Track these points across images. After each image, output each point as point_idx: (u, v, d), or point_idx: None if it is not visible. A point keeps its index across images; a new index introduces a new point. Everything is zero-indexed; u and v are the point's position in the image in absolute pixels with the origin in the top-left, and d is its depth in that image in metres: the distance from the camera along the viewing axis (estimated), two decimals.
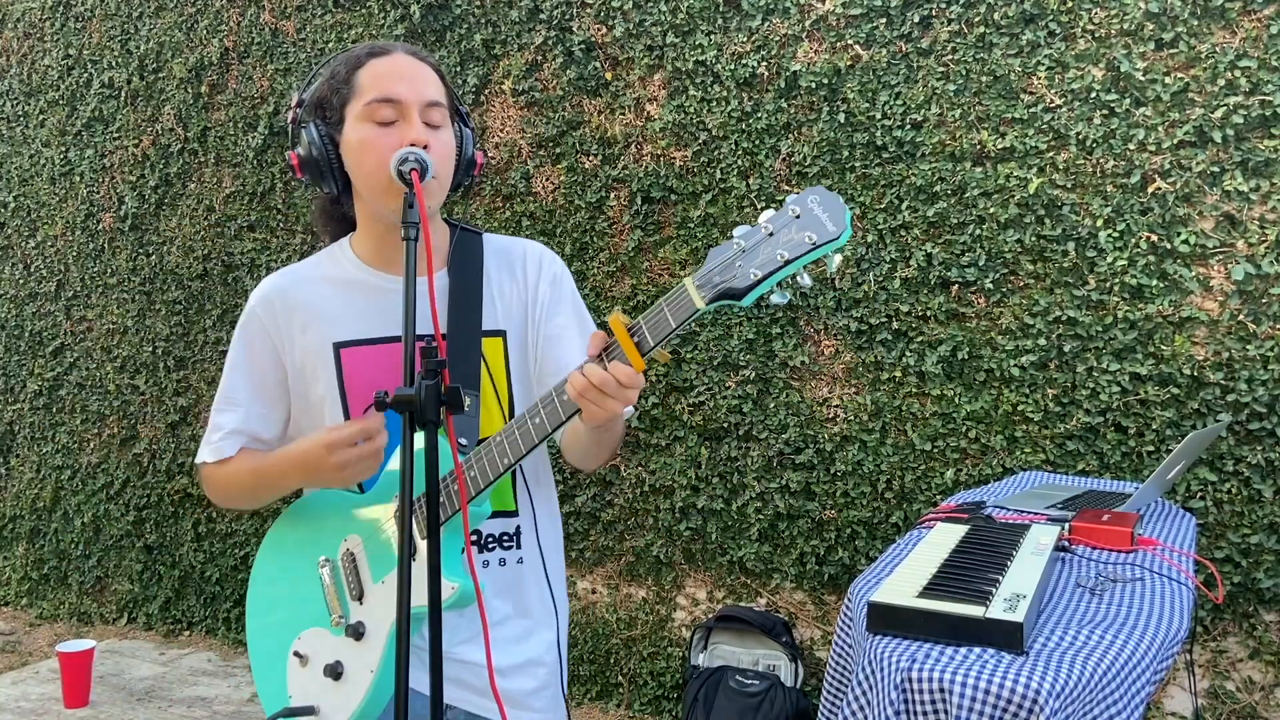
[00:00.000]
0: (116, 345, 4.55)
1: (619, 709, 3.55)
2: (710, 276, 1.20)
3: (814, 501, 3.20)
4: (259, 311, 1.53)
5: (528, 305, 1.55)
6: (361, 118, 1.41)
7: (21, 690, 3.91)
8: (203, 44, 4.23)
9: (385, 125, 1.40)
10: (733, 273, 1.19)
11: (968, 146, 2.91)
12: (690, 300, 1.21)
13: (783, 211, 1.19)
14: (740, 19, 3.21)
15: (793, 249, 1.17)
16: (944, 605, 1.37)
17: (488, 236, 1.58)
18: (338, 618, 1.46)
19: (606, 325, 1.28)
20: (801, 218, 1.18)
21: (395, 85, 1.41)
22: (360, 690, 1.44)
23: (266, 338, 1.52)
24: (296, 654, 1.49)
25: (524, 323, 1.55)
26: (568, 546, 3.60)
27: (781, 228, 1.18)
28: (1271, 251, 2.60)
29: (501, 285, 1.55)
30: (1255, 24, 2.59)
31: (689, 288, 1.21)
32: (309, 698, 1.48)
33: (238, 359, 1.55)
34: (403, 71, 1.43)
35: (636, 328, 1.24)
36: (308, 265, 1.57)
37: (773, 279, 1.18)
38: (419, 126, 1.40)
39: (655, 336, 1.23)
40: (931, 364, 2.98)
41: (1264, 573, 2.64)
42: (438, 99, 1.44)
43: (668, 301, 1.22)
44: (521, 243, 1.61)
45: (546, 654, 1.54)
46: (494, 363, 1.51)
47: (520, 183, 3.59)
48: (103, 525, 4.67)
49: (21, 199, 4.83)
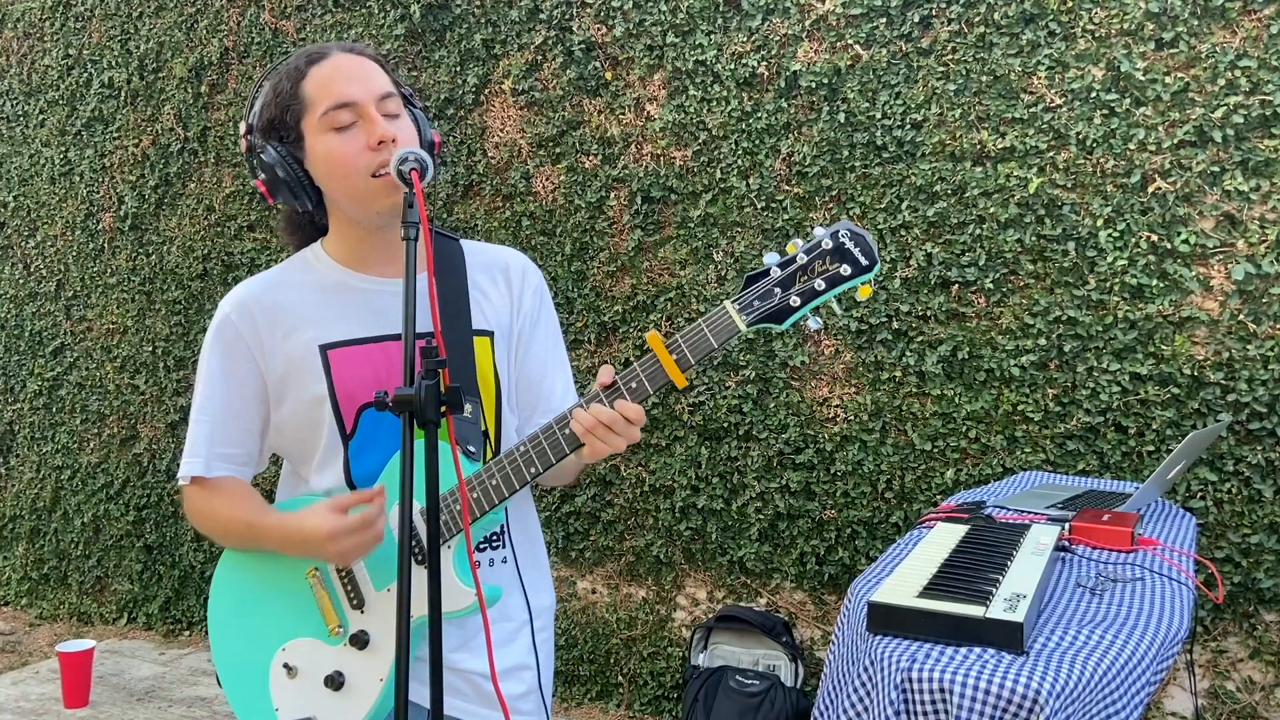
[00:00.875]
0: (116, 345, 4.55)
1: (619, 709, 3.55)
2: (751, 301, 1.30)
3: (814, 501, 3.20)
4: (234, 319, 1.48)
5: (513, 313, 1.56)
6: (320, 129, 1.40)
7: (21, 690, 3.91)
8: (203, 44, 4.23)
9: (345, 129, 1.39)
10: (773, 300, 1.30)
11: (968, 146, 2.91)
12: (733, 322, 1.30)
13: (814, 242, 1.30)
14: (740, 19, 3.21)
15: (829, 280, 1.29)
16: (944, 605, 1.37)
17: (465, 243, 1.58)
18: (336, 627, 1.43)
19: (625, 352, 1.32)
20: (834, 250, 1.29)
21: (345, 88, 1.39)
22: (370, 699, 1.43)
23: (244, 346, 1.48)
24: (285, 665, 1.46)
25: (509, 328, 1.55)
26: (568, 546, 3.60)
27: (815, 258, 1.29)
28: (1272, 251, 2.60)
29: (485, 289, 1.55)
30: (1255, 24, 2.59)
31: (730, 310, 1.30)
32: (302, 709, 1.46)
33: (213, 369, 1.50)
34: (348, 72, 1.41)
35: (675, 345, 1.31)
36: (278, 272, 1.54)
37: (810, 305, 1.30)
38: (380, 122, 1.39)
39: (696, 354, 1.32)
40: (931, 364, 2.98)
41: (1264, 573, 2.64)
42: (388, 89, 1.43)
43: (707, 322, 1.31)
44: (502, 251, 1.60)
45: (527, 656, 1.53)
46: (483, 362, 1.51)
47: (520, 183, 3.59)
48: (103, 525, 4.67)
49: (21, 199, 4.83)
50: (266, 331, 1.47)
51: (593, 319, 3.49)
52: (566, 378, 1.62)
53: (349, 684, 1.44)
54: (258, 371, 1.49)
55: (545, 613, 1.61)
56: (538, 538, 1.63)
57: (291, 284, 1.51)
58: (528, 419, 1.58)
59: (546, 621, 1.62)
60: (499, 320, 1.54)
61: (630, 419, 1.31)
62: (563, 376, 1.61)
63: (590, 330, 3.50)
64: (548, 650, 1.61)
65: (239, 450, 1.52)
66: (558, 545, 3.62)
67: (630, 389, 1.34)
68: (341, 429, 1.46)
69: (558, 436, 1.36)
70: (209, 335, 1.51)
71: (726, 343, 1.30)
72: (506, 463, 1.39)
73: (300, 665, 1.46)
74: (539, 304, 1.59)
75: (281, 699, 1.47)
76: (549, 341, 1.60)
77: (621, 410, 1.30)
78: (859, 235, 1.28)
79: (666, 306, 3.37)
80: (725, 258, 3.28)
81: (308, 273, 1.52)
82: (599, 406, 1.31)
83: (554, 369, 1.59)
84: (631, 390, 1.33)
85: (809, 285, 1.29)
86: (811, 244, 1.29)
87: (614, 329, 3.48)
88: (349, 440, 1.46)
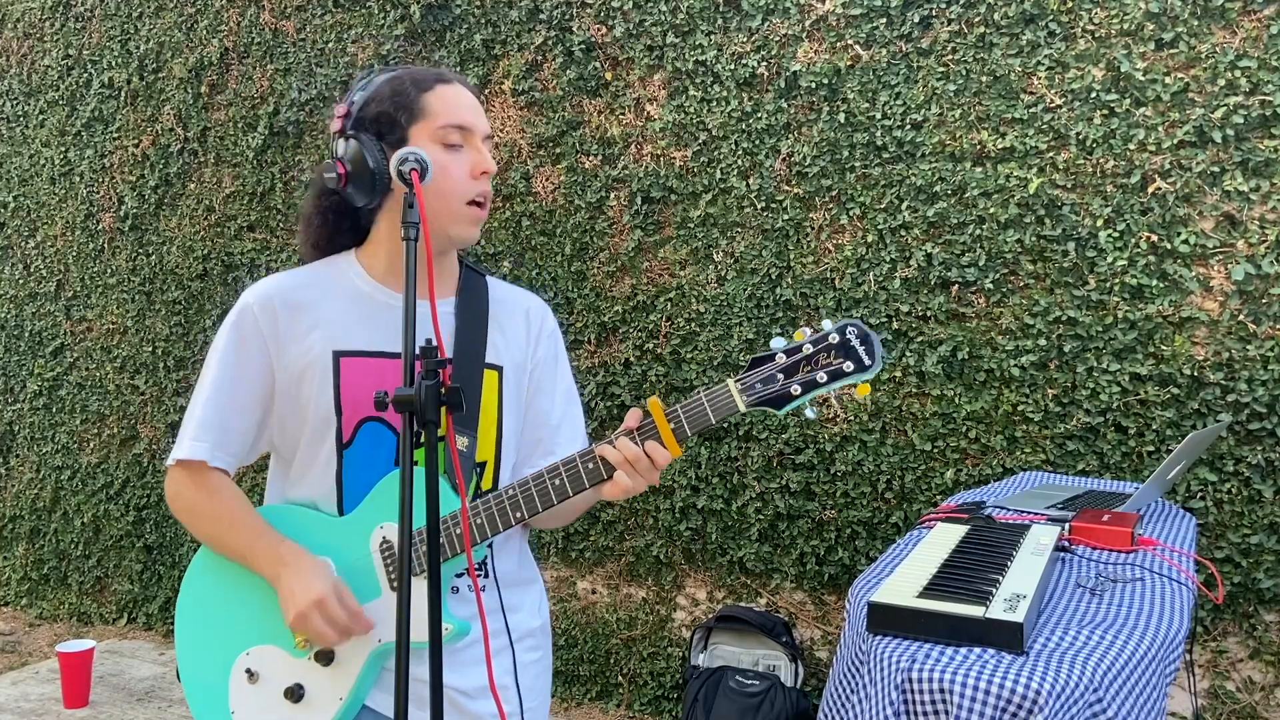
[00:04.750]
0: (116, 345, 4.55)
1: (619, 709, 3.55)
2: (753, 384, 1.34)
3: (814, 501, 3.20)
4: (256, 311, 1.48)
5: (528, 353, 1.59)
6: (430, 139, 1.44)
7: (21, 690, 3.91)
8: (203, 44, 4.23)
9: (452, 149, 1.45)
10: (775, 385, 1.34)
11: (968, 146, 2.91)
12: (733, 401, 1.34)
13: (822, 335, 1.33)
14: (740, 19, 3.21)
15: (831, 374, 1.32)
16: (944, 605, 1.37)
17: (491, 280, 1.62)
18: (303, 640, 1.42)
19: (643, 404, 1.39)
20: (839, 346, 1.32)
21: (467, 114, 1.48)
22: (327, 715, 1.42)
23: (260, 339, 1.48)
24: (248, 670, 1.45)
25: (520, 367, 1.58)
26: (568, 546, 3.60)
27: (820, 350, 1.33)
28: (1271, 251, 2.60)
29: (503, 325, 1.57)
30: (1255, 24, 2.60)
31: (732, 389, 1.34)
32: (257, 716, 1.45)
33: (226, 358, 1.49)
34: (472, 103, 1.51)
35: (675, 415, 1.36)
36: (308, 272, 1.54)
37: (809, 396, 1.34)
38: (488, 155, 1.48)
39: (693, 427, 1.36)
40: (931, 364, 2.98)
41: (1264, 573, 2.64)
42: (490, 133, 1.52)
43: (708, 397, 1.35)
44: (525, 295, 1.65)
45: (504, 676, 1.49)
46: (488, 395, 1.52)
47: (520, 183, 3.59)
48: (103, 525, 4.67)
49: (21, 199, 4.83)
50: (287, 327, 1.47)
51: (593, 319, 3.49)
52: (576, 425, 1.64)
53: (308, 698, 1.43)
54: (268, 366, 1.48)
55: (535, 634, 1.59)
56: (530, 565, 1.62)
57: (318, 286, 1.51)
58: (526, 459, 1.59)
59: (538, 643, 1.59)
60: (512, 358, 1.56)
61: (657, 463, 1.36)
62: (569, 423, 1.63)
63: (590, 330, 3.50)
64: (536, 672, 1.58)
65: (236, 443, 1.51)
66: (558, 545, 3.62)
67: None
68: (339, 437, 1.45)
69: (579, 470, 1.38)
70: (227, 322, 1.51)
71: (724, 420, 1.35)
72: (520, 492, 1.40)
73: (262, 672, 1.45)
74: (555, 349, 1.64)
75: (239, 703, 1.46)
76: (561, 386, 1.63)
77: (650, 453, 1.35)
78: (866, 335, 1.31)
79: (666, 307, 3.37)
80: (725, 258, 3.28)
81: (338, 279, 1.52)
82: (625, 442, 1.35)
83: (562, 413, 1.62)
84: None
85: (811, 376, 1.32)
86: (818, 336, 1.33)
87: (614, 329, 3.48)
88: (344, 449, 1.46)
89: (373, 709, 1.46)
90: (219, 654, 1.48)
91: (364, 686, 1.44)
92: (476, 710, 1.48)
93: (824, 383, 1.32)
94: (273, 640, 1.45)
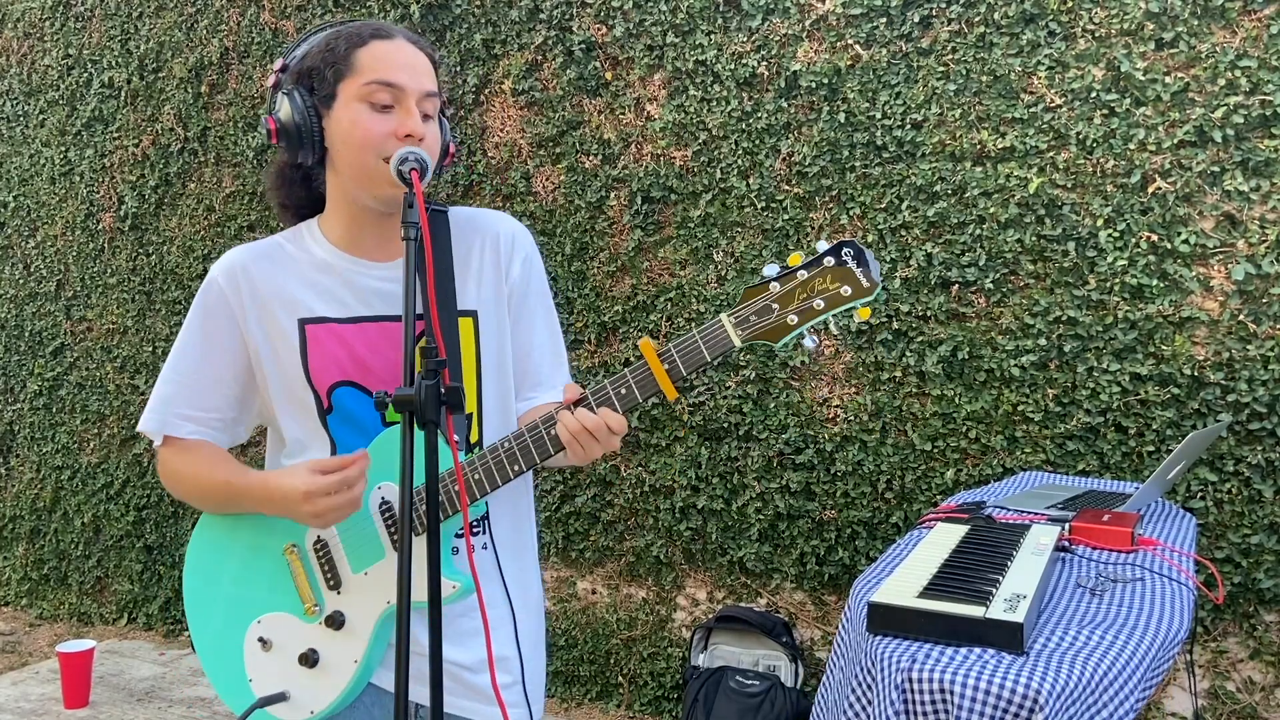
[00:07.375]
0: (116, 345, 4.55)
1: (619, 709, 3.55)
2: (747, 316, 1.27)
3: (814, 501, 3.20)
4: (221, 283, 1.48)
5: (498, 285, 1.52)
6: (357, 97, 1.38)
7: (21, 690, 3.91)
8: (203, 44, 4.23)
9: (380, 109, 1.38)
10: (770, 317, 1.26)
11: (968, 146, 2.91)
12: (727, 336, 1.27)
13: (816, 259, 1.25)
14: (740, 19, 3.21)
15: (828, 300, 1.24)
16: (944, 605, 1.37)
17: (452, 211, 1.54)
18: (312, 606, 1.44)
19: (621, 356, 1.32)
20: (835, 268, 1.24)
21: (397, 72, 1.39)
22: (343, 680, 1.43)
23: (227, 311, 1.48)
24: (260, 639, 1.47)
25: (495, 301, 1.52)
26: (568, 546, 3.60)
27: (815, 275, 1.25)
28: (1272, 251, 2.60)
29: (469, 262, 1.51)
30: (1255, 24, 2.59)
31: (726, 324, 1.27)
32: (275, 683, 1.46)
33: (192, 332, 1.50)
34: (407, 59, 1.41)
35: (668, 354, 1.28)
36: (272, 243, 1.53)
37: (807, 325, 1.26)
38: (416, 116, 1.39)
39: (688, 366, 1.28)
40: (932, 364, 2.98)
41: (1264, 573, 2.64)
42: (433, 90, 1.42)
43: (702, 334, 1.27)
44: (493, 219, 1.55)
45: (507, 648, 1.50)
46: (466, 343, 1.48)
47: (520, 183, 3.59)
48: (103, 525, 4.67)
49: (21, 199, 4.83)
50: (250, 298, 1.48)
51: (593, 319, 3.49)
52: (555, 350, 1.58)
53: (323, 663, 1.44)
54: (238, 337, 1.49)
55: (532, 605, 1.58)
56: (528, 531, 1.60)
57: (282, 256, 1.51)
58: (516, 391, 1.56)
59: (534, 615, 1.59)
60: (484, 297, 1.51)
61: (613, 429, 1.30)
62: (551, 349, 1.57)
63: (590, 330, 3.50)
64: (534, 643, 1.58)
65: (210, 415, 1.52)
66: (558, 545, 3.62)
67: (620, 395, 1.32)
68: (319, 403, 1.46)
69: (543, 437, 1.35)
70: (197, 297, 1.51)
71: (721, 356, 1.27)
72: (490, 458, 1.38)
73: (275, 639, 1.47)
74: (528, 273, 1.55)
75: (255, 669, 1.48)
76: (538, 312, 1.57)
77: (605, 419, 1.29)
78: (861, 254, 1.24)
79: (666, 307, 3.37)
80: (725, 258, 3.28)
81: (300, 247, 1.51)
82: (585, 412, 1.30)
83: (542, 342, 1.56)
84: (621, 397, 1.32)
85: (807, 304, 1.26)
86: (812, 260, 1.26)
87: (614, 329, 3.48)
88: (328, 415, 1.47)
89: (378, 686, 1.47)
90: (231, 625, 1.50)
91: (377, 650, 1.44)
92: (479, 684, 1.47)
93: (821, 310, 1.25)
94: (283, 608, 1.47)
